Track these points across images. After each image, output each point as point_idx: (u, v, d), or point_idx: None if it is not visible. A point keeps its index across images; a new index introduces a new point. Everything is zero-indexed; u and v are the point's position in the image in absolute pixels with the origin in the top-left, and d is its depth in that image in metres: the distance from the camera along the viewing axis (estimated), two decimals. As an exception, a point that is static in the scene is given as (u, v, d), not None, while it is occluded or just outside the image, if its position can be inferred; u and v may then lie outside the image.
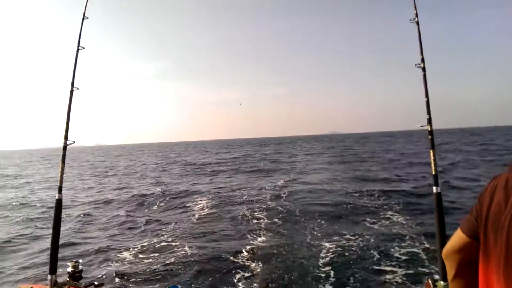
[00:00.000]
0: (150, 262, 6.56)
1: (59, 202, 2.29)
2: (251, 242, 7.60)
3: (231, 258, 6.59)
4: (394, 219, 9.05)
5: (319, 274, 5.72)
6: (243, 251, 6.94)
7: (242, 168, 26.74)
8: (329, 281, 5.45)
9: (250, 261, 6.43)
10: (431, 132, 2.24)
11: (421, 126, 2.28)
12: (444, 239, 2.11)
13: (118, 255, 7.06)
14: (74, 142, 2.41)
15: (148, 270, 6.08)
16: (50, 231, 2.34)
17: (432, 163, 2.18)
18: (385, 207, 10.46)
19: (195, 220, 10.04)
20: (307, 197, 12.91)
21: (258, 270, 6.01)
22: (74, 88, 2.44)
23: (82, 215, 10.99)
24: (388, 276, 5.36)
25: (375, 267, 5.80)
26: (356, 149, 46.51)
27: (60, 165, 2.34)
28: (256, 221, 9.50)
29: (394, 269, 5.59)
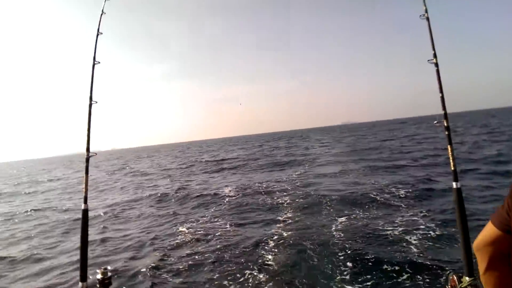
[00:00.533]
0: (188, 252, 6.85)
1: (85, 212, 2.39)
2: (275, 227, 8.17)
3: (258, 243, 7.16)
4: (412, 208, 8.98)
5: (337, 258, 5.98)
6: (269, 238, 7.43)
7: (260, 162, 27.84)
8: (346, 267, 5.62)
9: (275, 247, 6.86)
10: (447, 128, 2.22)
11: (437, 122, 2.26)
12: (467, 235, 2.10)
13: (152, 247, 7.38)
14: (96, 154, 2.50)
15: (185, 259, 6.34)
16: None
17: (451, 158, 2.16)
18: (401, 196, 10.41)
19: (225, 210, 11.03)
20: (323, 186, 13.47)
21: (280, 257, 6.34)
22: (92, 102, 2.52)
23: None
24: (409, 270, 5.31)
25: (395, 259, 5.75)
26: (369, 137, 46.25)
27: (84, 176, 2.42)
28: (278, 208, 10.28)
29: (416, 263, 5.52)
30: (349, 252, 6.23)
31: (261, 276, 5.60)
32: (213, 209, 11.50)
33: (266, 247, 6.98)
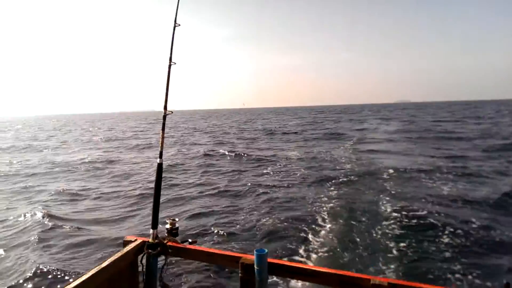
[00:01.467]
0: (240, 221, 7.31)
1: (160, 166, 2.58)
2: (325, 200, 8.45)
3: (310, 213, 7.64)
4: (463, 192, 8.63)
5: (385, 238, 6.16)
6: (319, 210, 7.87)
7: (315, 133, 29.23)
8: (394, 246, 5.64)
9: (324, 221, 7.22)
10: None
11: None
12: None
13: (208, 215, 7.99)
14: (172, 112, 2.64)
15: (236, 229, 6.77)
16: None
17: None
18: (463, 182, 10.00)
19: (280, 179, 11.70)
20: (374, 160, 14.16)
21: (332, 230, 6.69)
22: (171, 63, 2.63)
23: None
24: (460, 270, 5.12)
25: (446, 253, 5.58)
26: (426, 119, 43.83)
27: (161, 133, 2.60)
28: (330, 180, 10.90)
29: (469, 263, 5.31)
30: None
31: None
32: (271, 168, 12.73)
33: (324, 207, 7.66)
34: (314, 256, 5.57)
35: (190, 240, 2.58)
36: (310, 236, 6.37)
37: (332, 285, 2.05)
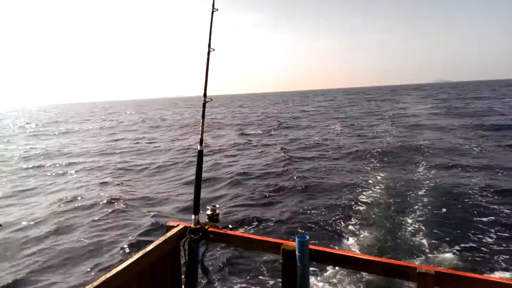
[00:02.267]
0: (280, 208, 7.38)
1: (200, 153, 2.60)
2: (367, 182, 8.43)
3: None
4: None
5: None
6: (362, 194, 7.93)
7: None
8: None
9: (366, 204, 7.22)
10: None
11: None
12: None
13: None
14: (211, 99, 2.64)
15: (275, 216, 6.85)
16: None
17: None
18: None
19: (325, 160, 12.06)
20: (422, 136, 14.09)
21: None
22: (210, 49, 2.61)
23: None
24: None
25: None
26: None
27: (201, 120, 2.60)
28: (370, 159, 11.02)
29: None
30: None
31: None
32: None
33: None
34: (355, 242, 5.49)
35: (230, 226, 2.60)
36: (351, 221, 6.29)
37: (376, 273, 2.00)
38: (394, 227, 5.89)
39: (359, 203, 7.15)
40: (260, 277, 4.79)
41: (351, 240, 5.60)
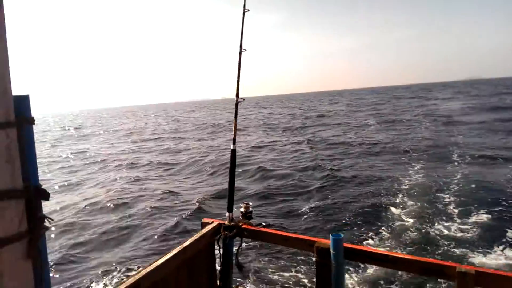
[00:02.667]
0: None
1: (233, 152, 2.65)
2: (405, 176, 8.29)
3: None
4: None
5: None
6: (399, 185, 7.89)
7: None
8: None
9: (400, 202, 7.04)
10: None
11: None
12: None
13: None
14: (244, 99, 2.69)
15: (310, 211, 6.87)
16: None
17: None
18: None
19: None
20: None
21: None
22: (242, 50, 2.65)
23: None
24: None
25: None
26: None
27: (234, 121, 2.66)
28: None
29: None
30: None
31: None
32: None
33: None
34: (391, 240, 5.38)
35: (263, 223, 2.64)
36: (387, 219, 6.16)
37: (414, 273, 1.96)
38: (432, 224, 5.71)
39: (395, 200, 6.99)
40: (294, 274, 4.78)
41: (386, 237, 5.49)
